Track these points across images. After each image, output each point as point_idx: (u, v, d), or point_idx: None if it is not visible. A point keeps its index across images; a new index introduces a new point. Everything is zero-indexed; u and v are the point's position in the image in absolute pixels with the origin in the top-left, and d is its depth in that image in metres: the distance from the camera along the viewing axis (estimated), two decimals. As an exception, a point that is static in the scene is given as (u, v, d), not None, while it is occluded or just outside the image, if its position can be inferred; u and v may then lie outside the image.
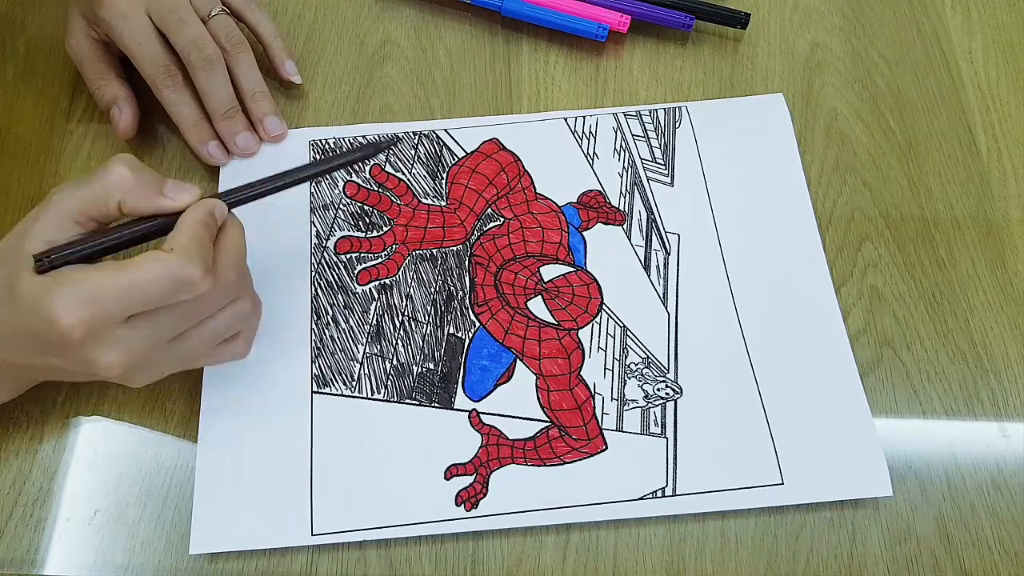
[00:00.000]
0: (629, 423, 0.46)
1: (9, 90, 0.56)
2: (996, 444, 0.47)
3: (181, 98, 0.51)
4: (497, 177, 0.53)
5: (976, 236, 0.52)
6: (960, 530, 0.44)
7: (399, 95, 0.56)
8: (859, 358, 0.48)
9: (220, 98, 0.51)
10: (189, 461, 0.45)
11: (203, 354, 0.42)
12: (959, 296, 0.50)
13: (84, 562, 0.43)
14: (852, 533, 0.44)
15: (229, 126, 0.52)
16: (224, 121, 0.52)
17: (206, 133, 0.52)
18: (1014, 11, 0.60)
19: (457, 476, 0.45)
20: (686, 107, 0.56)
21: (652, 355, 0.48)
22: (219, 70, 0.51)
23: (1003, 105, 0.56)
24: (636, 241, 0.51)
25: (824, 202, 0.53)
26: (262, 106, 0.53)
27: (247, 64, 0.52)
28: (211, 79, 0.51)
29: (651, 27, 0.59)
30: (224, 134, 0.52)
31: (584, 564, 0.44)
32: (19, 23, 0.59)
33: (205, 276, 0.38)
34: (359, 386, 0.47)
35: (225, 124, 0.52)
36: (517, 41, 0.59)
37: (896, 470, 0.45)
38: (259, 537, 0.43)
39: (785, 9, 0.60)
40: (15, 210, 0.52)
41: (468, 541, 0.44)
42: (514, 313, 0.49)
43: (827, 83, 0.57)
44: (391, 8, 0.60)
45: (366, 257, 0.51)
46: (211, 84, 0.51)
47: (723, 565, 0.44)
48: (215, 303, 0.41)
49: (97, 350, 0.37)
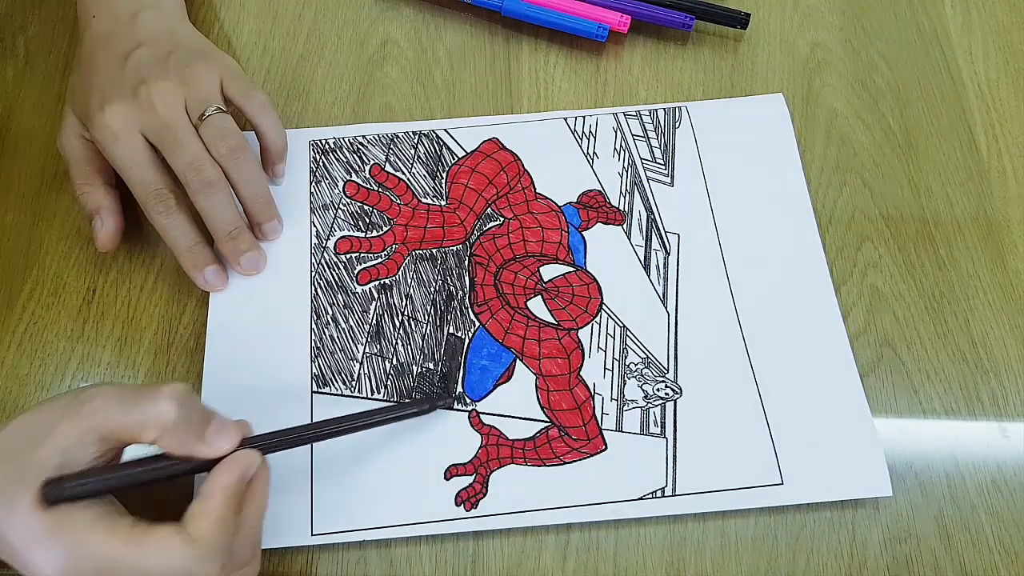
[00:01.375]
0: (629, 423, 0.46)
1: (9, 90, 0.56)
2: (996, 444, 0.47)
3: (174, 223, 0.47)
4: (497, 177, 0.53)
5: (976, 236, 0.52)
6: (960, 530, 0.44)
7: (399, 95, 0.57)
8: (859, 358, 0.48)
9: (223, 220, 0.47)
10: (189, 461, 0.45)
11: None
12: (959, 296, 0.50)
13: (84, 562, 0.43)
14: (852, 533, 0.44)
15: (234, 246, 0.48)
16: (229, 242, 0.48)
17: (202, 259, 0.48)
18: (1014, 11, 0.60)
19: (457, 476, 0.45)
20: (686, 107, 0.56)
21: (652, 355, 0.48)
22: (220, 191, 0.47)
23: (1003, 105, 0.56)
24: (636, 241, 0.51)
25: (824, 202, 0.53)
26: (263, 215, 0.49)
27: (247, 169, 0.48)
28: (211, 201, 0.46)
29: (651, 27, 0.59)
30: (228, 254, 0.48)
31: (584, 564, 0.44)
32: (19, 23, 0.59)
33: (222, 570, 0.35)
34: (359, 386, 0.47)
35: (230, 245, 0.48)
36: (517, 41, 0.59)
37: (896, 470, 0.45)
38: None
39: (785, 9, 0.60)
40: (15, 210, 0.52)
41: (468, 541, 0.44)
42: (514, 313, 0.49)
43: (827, 83, 0.57)
44: (391, 8, 0.60)
45: (366, 257, 0.51)
46: (212, 206, 0.47)
47: (723, 565, 0.44)
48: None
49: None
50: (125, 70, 0.47)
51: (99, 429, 0.36)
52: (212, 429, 0.38)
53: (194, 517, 0.36)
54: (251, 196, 0.49)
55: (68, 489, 0.35)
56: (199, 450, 0.37)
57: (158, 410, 0.36)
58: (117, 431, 0.36)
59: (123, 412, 0.37)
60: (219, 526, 0.36)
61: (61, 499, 0.35)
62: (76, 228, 0.52)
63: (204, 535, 0.35)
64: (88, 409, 0.36)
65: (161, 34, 0.49)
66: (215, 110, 0.47)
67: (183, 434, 0.37)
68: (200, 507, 0.36)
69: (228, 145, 0.47)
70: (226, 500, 0.36)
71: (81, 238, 0.51)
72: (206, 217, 0.47)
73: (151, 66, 0.47)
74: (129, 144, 0.46)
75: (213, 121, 0.47)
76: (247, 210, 0.49)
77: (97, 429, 0.36)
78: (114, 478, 0.36)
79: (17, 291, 0.50)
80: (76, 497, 0.35)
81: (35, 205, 0.53)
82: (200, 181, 0.46)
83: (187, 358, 0.48)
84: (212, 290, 0.49)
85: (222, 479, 0.37)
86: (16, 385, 0.48)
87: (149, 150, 0.47)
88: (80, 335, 0.49)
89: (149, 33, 0.49)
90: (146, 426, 0.36)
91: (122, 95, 0.46)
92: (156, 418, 0.36)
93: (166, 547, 0.34)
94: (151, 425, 0.36)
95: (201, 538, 0.35)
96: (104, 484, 0.36)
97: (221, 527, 0.36)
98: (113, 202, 0.49)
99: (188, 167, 0.46)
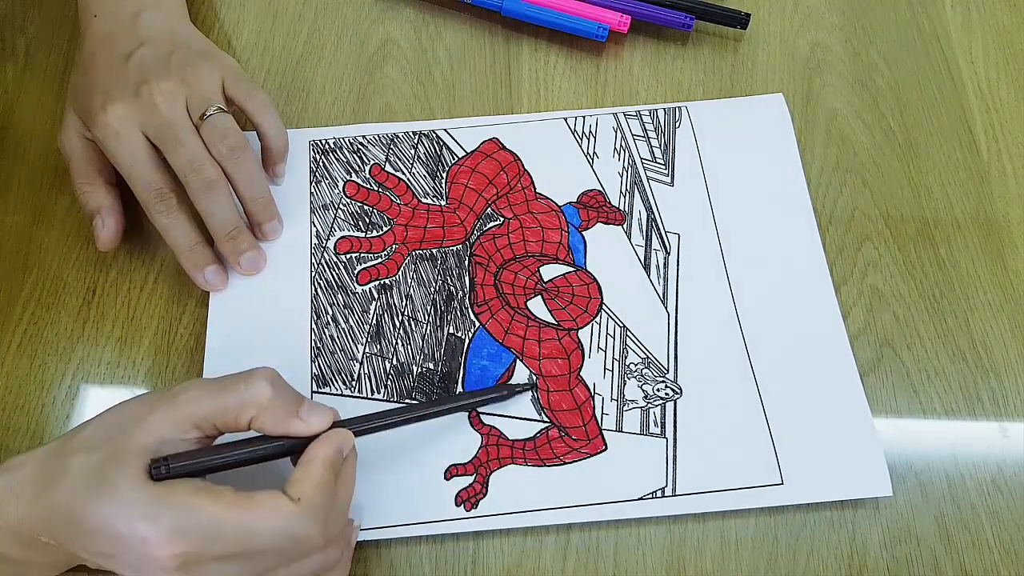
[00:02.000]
0: (629, 423, 0.46)
1: (9, 90, 0.56)
2: (996, 444, 0.47)
3: (175, 223, 0.47)
4: (497, 177, 0.53)
5: (976, 236, 0.52)
6: (960, 530, 0.44)
7: (399, 95, 0.57)
8: (859, 358, 0.48)
9: (223, 220, 0.47)
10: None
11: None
12: (959, 296, 0.50)
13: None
14: (852, 533, 0.44)
15: (234, 246, 0.48)
16: (228, 242, 0.48)
17: (202, 259, 0.48)
18: (1014, 11, 0.60)
19: (457, 476, 0.45)
20: (686, 107, 0.56)
21: (652, 355, 0.48)
22: (220, 191, 0.47)
23: (1003, 105, 0.56)
24: (636, 241, 0.51)
25: (824, 202, 0.53)
26: (263, 215, 0.49)
27: (247, 169, 0.48)
28: (211, 201, 0.47)
29: (651, 27, 0.59)
30: (228, 254, 0.48)
31: (584, 564, 0.44)
32: (19, 23, 0.59)
33: (323, 535, 0.36)
34: (359, 386, 0.47)
35: (229, 245, 0.48)
36: (517, 41, 0.59)
37: (896, 470, 0.45)
38: (259, 537, 0.43)
39: (785, 9, 0.60)
40: (15, 210, 0.52)
41: (468, 541, 0.44)
42: (514, 313, 0.49)
43: (827, 83, 0.57)
44: (391, 8, 0.60)
45: (366, 257, 0.51)
46: (212, 206, 0.47)
47: (723, 565, 0.44)
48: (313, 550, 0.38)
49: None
50: (127, 69, 0.47)
51: (194, 417, 0.37)
52: (305, 408, 0.39)
53: (296, 482, 0.37)
54: (251, 196, 0.49)
55: (174, 467, 0.36)
56: (295, 427, 0.38)
57: (254, 391, 0.38)
58: (212, 416, 0.37)
59: (218, 398, 0.38)
60: (320, 490, 0.37)
61: (167, 477, 0.36)
62: (76, 228, 0.52)
63: (307, 497, 0.36)
64: (183, 399, 0.37)
65: (163, 34, 0.49)
66: (216, 110, 0.47)
67: (279, 412, 0.38)
68: (302, 473, 0.37)
69: (228, 145, 0.47)
70: (326, 468, 0.37)
71: (81, 238, 0.51)
72: (206, 217, 0.47)
73: (153, 66, 0.47)
74: (131, 143, 0.46)
75: (214, 121, 0.47)
76: (247, 210, 0.49)
77: (192, 417, 0.37)
78: (219, 457, 0.37)
79: (17, 291, 0.50)
80: (181, 475, 0.36)
81: (35, 205, 0.53)
82: (200, 181, 0.46)
83: (187, 358, 0.48)
84: (212, 290, 0.49)
85: (321, 450, 0.38)
86: (16, 385, 0.47)
87: (150, 149, 0.47)
88: (80, 335, 0.49)
89: (151, 33, 0.49)
90: (244, 407, 0.37)
91: (124, 94, 0.46)
92: (253, 398, 0.37)
93: (270, 507, 0.35)
94: (248, 405, 0.37)
95: (304, 499, 0.36)
96: (210, 462, 0.37)
97: (322, 492, 0.37)
98: (114, 201, 0.49)
99: (188, 167, 0.46)
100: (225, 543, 0.35)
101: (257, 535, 0.35)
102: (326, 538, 0.37)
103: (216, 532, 0.34)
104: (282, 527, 0.35)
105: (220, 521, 0.35)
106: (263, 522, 0.35)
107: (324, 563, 0.38)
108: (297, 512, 0.35)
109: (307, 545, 0.36)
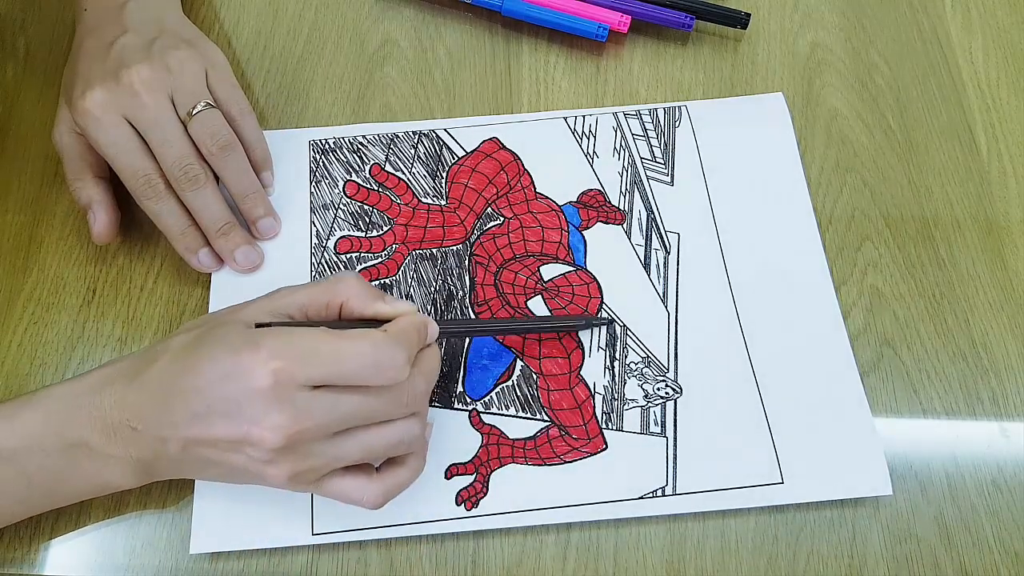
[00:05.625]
0: (629, 422, 0.46)
1: (9, 90, 0.56)
2: (996, 444, 0.47)
3: (165, 208, 0.47)
4: (497, 176, 0.53)
5: (976, 236, 0.52)
6: (960, 530, 0.44)
7: (399, 95, 0.57)
8: (859, 358, 0.48)
9: (212, 216, 0.48)
10: (189, 461, 0.45)
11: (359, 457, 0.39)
12: (959, 296, 0.50)
13: (84, 562, 0.43)
14: (852, 533, 0.44)
15: (226, 243, 0.48)
16: (220, 238, 0.48)
17: (195, 241, 0.48)
18: (1014, 11, 0.60)
19: (457, 476, 0.45)
20: (686, 107, 0.56)
21: (652, 354, 0.48)
22: (208, 186, 0.47)
23: (1003, 105, 0.56)
24: (636, 240, 0.51)
25: (824, 202, 0.53)
26: (255, 210, 0.49)
27: (237, 167, 0.48)
28: (199, 198, 0.47)
29: (651, 27, 0.59)
30: (222, 251, 0.48)
31: (584, 564, 0.44)
32: (19, 23, 0.59)
33: (407, 365, 0.38)
34: (359, 386, 0.47)
35: (222, 241, 0.48)
36: (517, 41, 0.59)
37: (896, 470, 0.45)
38: (260, 537, 0.43)
39: (785, 9, 0.60)
40: (15, 210, 0.52)
41: (468, 541, 0.44)
42: (514, 312, 0.49)
43: (827, 83, 0.57)
44: (391, 8, 0.60)
45: (366, 257, 0.51)
46: (201, 203, 0.47)
47: (723, 565, 0.44)
48: (396, 408, 0.39)
49: (269, 407, 0.36)
50: (108, 57, 0.47)
51: (290, 306, 0.40)
52: (389, 297, 0.42)
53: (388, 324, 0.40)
54: (241, 192, 0.49)
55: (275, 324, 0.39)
56: (383, 309, 0.41)
57: (344, 282, 0.41)
58: (309, 304, 0.41)
59: (311, 288, 0.41)
60: (405, 328, 0.40)
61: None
62: (76, 228, 0.52)
63: (393, 328, 0.39)
64: (281, 292, 0.41)
65: (148, 22, 0.49)
66: (204, 106, 0.47)
67: (369, 296, 0.41)
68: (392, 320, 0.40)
69: (218, 144, 0.47)
70: (410, 323, 0.40)
71: (81, 238, 0.51)
72: (196, 214, 0.48)
73: (134, 52, 0.47)
74: (112, 129, 0.46)
75: (202, 118, 0.47)
76: (239, 206, 0.49)
77: (289, 307, 0.40)
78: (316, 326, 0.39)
79: (17, 291, 0.50)
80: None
81: (35, 205, 0.53)
82: (188, 179, 0.46)
83: (187, 358, 0.48)
84: (208, 271, 0.49)
85: (407, 317, 0.41)
86: (16, 385, 0.47)
87: (134, 136, 0.46)
88: (80, 335, 0.49)
89: (135, 22, 0.49)
90: (335, 294, 0.41)
91: (103, 80, 0.46)
92: (343, 288, 0.41)
93: (360, 334, 0.38)
94: (339, 293, 0.41)
95: (391, 329, 0.39)
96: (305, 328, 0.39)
97: (407, 331, 0.39)
98: (104, 195, 0.49)
99: (175, 165, 0.46)
100: (317, 363, 0.37)
101: (346, 355, 0.37)
102: (408, 384, 0.39)
103: (310, 351, 0.37)
104: (369, 350, 0.37)
105: (315, 342, 0.37)
106: (353, 344, 0.37)
107: (404, 434, 0.40)
108: (384, 338, 0.38)
109: (393, 372, 0.38)
